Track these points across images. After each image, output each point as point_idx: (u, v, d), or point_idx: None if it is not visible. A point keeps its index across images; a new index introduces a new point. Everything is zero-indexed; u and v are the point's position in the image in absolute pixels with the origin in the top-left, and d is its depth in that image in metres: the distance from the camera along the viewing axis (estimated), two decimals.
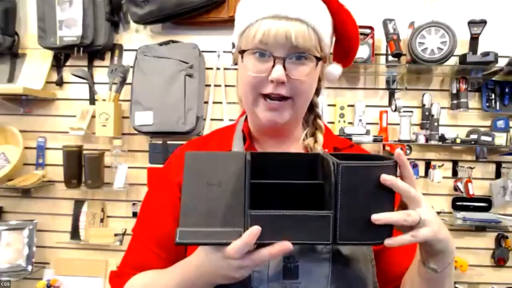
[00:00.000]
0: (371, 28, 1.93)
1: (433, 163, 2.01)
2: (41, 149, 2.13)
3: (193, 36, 2.05)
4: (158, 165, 1.90)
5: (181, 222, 0.58)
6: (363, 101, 2.01)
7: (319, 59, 0.73)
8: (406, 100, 2.01)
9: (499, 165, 2.00)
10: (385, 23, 1.93)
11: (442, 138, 1.90)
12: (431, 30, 1.83)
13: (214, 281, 0.63)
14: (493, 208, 1.98)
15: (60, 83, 2.11)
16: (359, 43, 0.81)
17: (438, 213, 1.64)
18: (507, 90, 1.98)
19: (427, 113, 1.96)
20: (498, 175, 2.00)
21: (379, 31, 1.95)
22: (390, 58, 1.95)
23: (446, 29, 1.82)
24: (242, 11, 0.75)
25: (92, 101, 2.10)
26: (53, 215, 2.14)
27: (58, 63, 2.12)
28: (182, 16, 1.95)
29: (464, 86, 1.96)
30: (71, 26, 1.98)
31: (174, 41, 2.02)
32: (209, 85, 2.05)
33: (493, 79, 1.96)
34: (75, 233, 2.10)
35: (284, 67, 0.70)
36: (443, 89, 2.03)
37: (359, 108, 1.99)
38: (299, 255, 0.69)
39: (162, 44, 2.01)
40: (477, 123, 2.01)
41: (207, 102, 2.04)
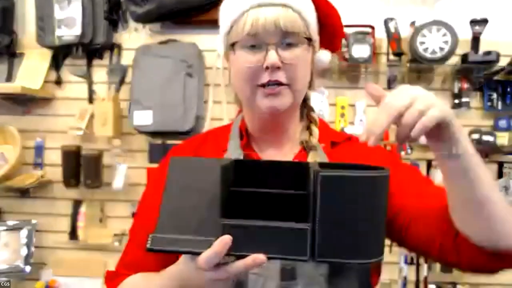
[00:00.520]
0: (372, 27, 1.93)
1: (434, 163, 2.00)
2: (39, 149, 2.11)
3: (193, 35, 2.04)
4: (157, 165, 1.88)
5: (157, 228, 0.57)
6: (364, 100, 2.00)
7: (310, 40, 0.74)
8: None
9: (501, 165, 1.98)
10: (386, 22, 1.92)
11: None
12: (433, 29, 1.82)
13: None
14: None
15: (58, 82, 2.10)
16: (343, 26, 0.81)
17: None
18: (509, 89, 1.97)
19: None
20: (500, 175, 1.99)
21: (380, 30, 1.93)
22: (391, 57, 1.94)
23: (447, 28, 1.81)
24: (226, 9, 0.76)
25: (91, 100, 2.08)
26: (51, 215, 2.12)
27: (56, 62, 2.10)
28: (181, 15, 1.94)
29: (465, 85, 1.95)
30: (70, 25, 1.97)
31: (173, 40, 2.01)
32: (209, 85, 2.04)
33: (495, 78, 1.95)
34: (73, 234, 2.08)
35: (277, 53, 0.70)
36: (444, 88, 2.02)
37: (360, 107, 1.98)
38: None
39: (161, 43, 2.00)
40: (479, 122, 1.99)
41: (207, 101, 2.03)
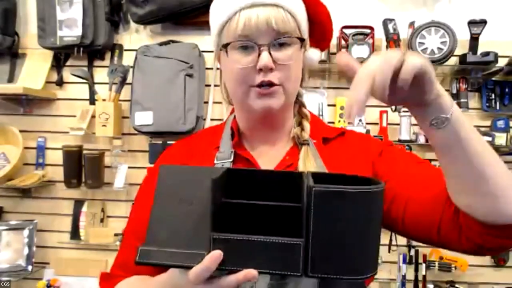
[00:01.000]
0: (371, 28, 1.93)
1: (433, 163, 2.00)
2: (41, 149, 2.12)
3: (193, 36, 2.05)
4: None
5: (146, 239, 0.56)
6: None
7: (302, 40, 0.73)
8: None
9: None
10: (385, 23, 1.93)
11: None
12: (431, 30, 1.83)
13: None
14: None
15: (60, 83, 2.11)
16: (332, 23, 0.81)
17: None
18: (507, 90, 1.98)
19: None
20: None
21: (379, 31, 1.94)
22: None
23: (446, 29, 1.82)
24: (217, 10, 0.75)
25: (92, 101, 2.09)
26: (53, 215, 2.13)
27: (58, 63, 2.11)
28: (182, 16, 1.95)
29: (464, 86, 1.96)
30: (71, 26, 1.98)
31: (174, 41, 2.02)
32: (209, 85, 2.05)
33: (493, 79, 1.96)
34: (75, 233, 2.09)
35: (270, 54, 0.70)
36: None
37: None
38: None
39: (162, 44, 2.01)
40: (477, 123, 2.00)
41: (207, 102, 2.04)
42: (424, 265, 1.95)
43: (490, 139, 1.86)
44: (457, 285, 1.97)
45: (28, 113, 2.13)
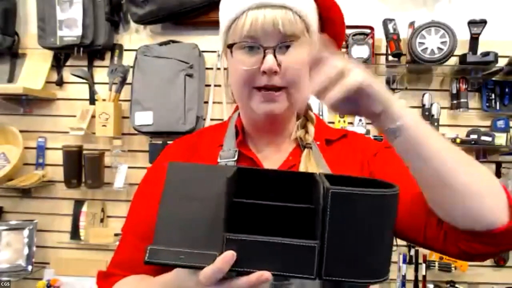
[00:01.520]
0: (371, 28, 1.93)
1: None
2: (41, 149, 2.12)
3: (193, 36, 2.05)
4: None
5: (155, 239, 0.54)
6: None
7: (310, 43, 0.72)
8: (406, 100, 2.00)
9: (499, 165, 1.99)
10: (385, 23, 1.93)
11: None
12: (431, 30, 1.83)
13: None
14: None
15: (60, 83, 2.11)
16: (345, 27, 0.80)
17: None
18: (507, 90, 1.98)
19: (427, 113, 1.96)
20: (498, 175, 1.99)
21: (379, 31, 1.94)
22: (390, 58, 1.95)
23: (446, 29, 1.82)
24: (225, 7, 0.74)
25: (92, 101, 2.09)
26: (53, 215, 2.13)
27: (58, 63, 2.11)
28: (182, 16, 1.95)
29: (464, 86, 1.96)
30: (71, 26, 1.98)
31: (174, 41, 2.02)
32: (209, 85, 2.05)
33: (493, 79, 1.96)
34: (75, 233, 2.09)
35: (275, 57, 0.68)
36: (443, 89, 2.03)
37: None
38: None
39: (162, 44, 2.01)
40: (477, 123, 2.00)
41: (207, 102, 2.04)
42: (424, 265, 1.95)
43: (490, 139, 1.86)
44: (457, 285, 1.97)
45: (28, 113, 2.13)
